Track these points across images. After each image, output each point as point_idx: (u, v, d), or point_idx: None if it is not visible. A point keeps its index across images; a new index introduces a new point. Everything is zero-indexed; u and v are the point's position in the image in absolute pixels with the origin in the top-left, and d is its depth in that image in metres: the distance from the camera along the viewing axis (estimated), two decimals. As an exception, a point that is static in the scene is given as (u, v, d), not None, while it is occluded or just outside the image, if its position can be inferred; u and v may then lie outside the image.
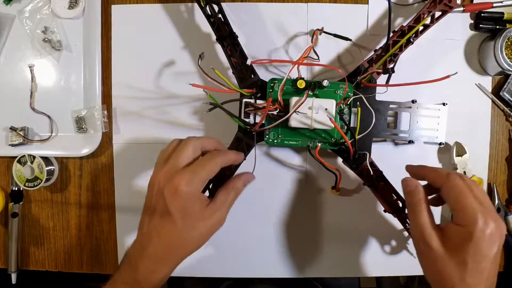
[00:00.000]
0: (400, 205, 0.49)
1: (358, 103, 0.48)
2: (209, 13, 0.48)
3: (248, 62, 0.47)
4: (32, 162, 0.53)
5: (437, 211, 0.55)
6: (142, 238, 0.40)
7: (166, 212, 0.38)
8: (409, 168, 0.45)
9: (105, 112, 0.54)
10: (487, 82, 0.54)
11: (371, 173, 0.48)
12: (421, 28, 0.47)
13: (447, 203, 0.39)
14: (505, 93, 0.53)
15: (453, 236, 0.37)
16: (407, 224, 0.50)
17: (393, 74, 0.46)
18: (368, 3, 0.54)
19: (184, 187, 0.37)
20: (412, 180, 0.42)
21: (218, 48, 0.52)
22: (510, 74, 0.53)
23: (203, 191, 0.42)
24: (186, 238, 0.39)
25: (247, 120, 0.47)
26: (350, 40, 0.52)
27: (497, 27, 0.52)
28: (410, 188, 0.41)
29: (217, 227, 0.41)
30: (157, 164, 0.41)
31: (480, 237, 0.35)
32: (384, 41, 0.48)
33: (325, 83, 0.45)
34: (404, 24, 0.48)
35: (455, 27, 0.54)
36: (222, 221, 0.41)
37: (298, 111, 0.44)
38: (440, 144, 0.52)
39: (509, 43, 0.50)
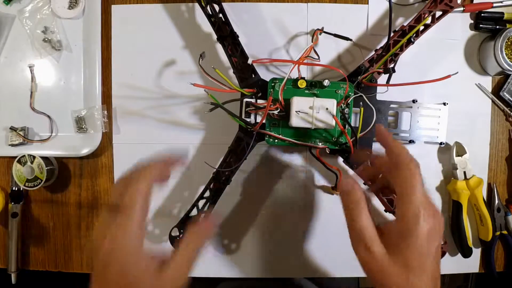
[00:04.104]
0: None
1: (361, 103, 0.48)
2: (210, 13, 0.48)
3: (249, 61, 0.47)
4: (32, 162, 0.53)
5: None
6: None
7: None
8: (379, 129, 0.39)
9: (105, 112, 0.54)
10: (487, 82, 0.55)
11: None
12: (421, 27, 0.47)
13: (395, 188, 0.35)
14: (505, 93, 0.53)
15: (393, 235, 0.34)
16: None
17: (393, 74, 0.46)
18: (368, 3, 0.54)
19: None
20: (349, 180, 0.37)
21: (219, 47, 0.52)
22: (510, 74, 0.53)
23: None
24: None
25: (248, 119, 0.47)
26: (350, 40, 0.53)
27: (497, 27, 0.52)
28: (346, 188, 0.36)
29: None
30: None
31: (420, 233, 0.33)
32: (384, 41, 0.48)
33: (326, 82, 0.46)
34: (405, 24, 0.48)
35: (455, 27, 0.54)
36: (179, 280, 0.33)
37: (299, 111, 0.44)
38: (440, 143, 0.52)
39: (509, 43, 0.50)
